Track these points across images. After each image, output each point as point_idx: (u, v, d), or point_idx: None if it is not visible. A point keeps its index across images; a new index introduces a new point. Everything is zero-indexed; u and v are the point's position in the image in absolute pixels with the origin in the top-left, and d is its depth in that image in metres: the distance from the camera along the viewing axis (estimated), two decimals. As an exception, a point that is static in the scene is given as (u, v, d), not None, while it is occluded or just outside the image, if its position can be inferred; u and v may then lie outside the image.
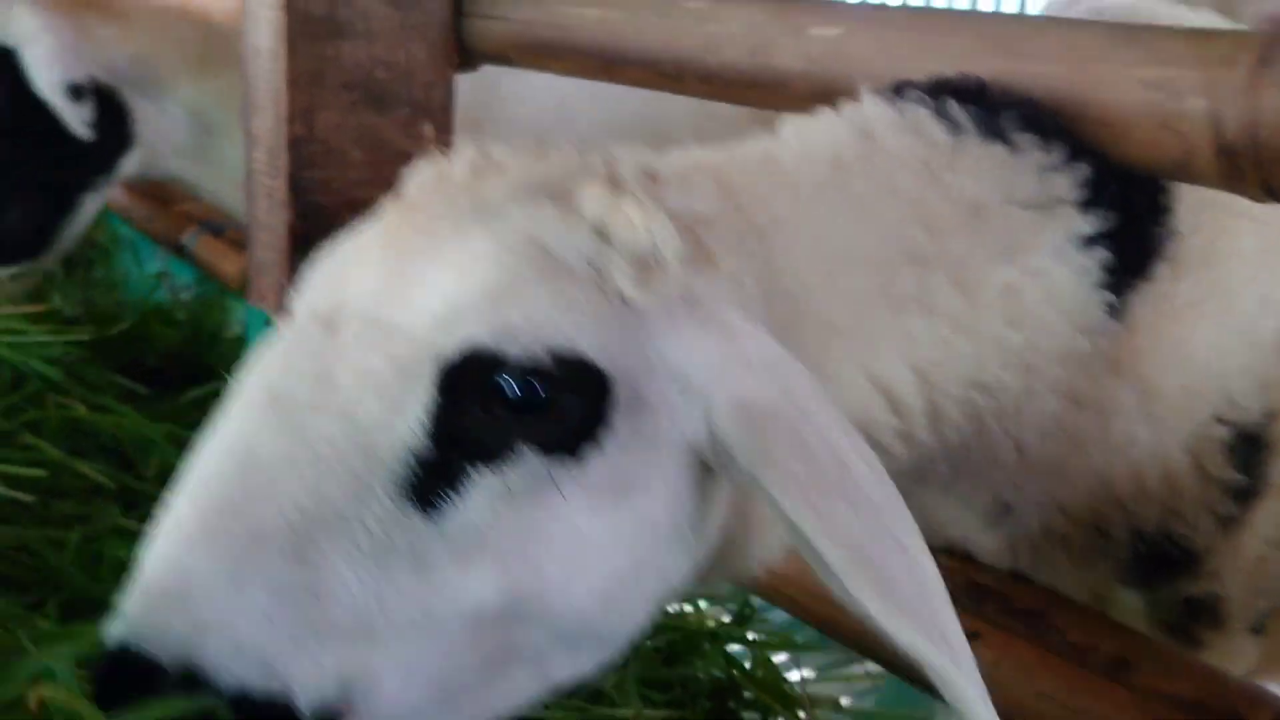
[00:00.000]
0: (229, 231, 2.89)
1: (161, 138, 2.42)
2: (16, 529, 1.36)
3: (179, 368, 2.38)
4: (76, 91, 2.20)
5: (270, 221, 1.86)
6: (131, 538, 1.49)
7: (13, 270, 2.41)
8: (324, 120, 1.80)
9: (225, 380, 2.19)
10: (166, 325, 2.35)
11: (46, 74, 2.16)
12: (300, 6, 1.74)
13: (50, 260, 2.44)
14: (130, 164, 2.41)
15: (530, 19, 1.74)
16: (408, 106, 1.87)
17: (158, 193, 3.11)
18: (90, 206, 2.37)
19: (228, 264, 2.71)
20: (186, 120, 2.42)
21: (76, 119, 2.20)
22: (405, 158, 1.91)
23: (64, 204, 2.31)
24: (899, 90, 1.09)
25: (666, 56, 1.52)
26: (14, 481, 1.45)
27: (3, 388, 1.77)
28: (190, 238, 2.87)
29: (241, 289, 2.52)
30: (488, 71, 1.97)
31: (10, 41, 2.16)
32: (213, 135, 2.45)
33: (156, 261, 3.20)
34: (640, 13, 1.56)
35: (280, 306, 1.92)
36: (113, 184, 2.43)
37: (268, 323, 1.93)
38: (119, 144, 2.35)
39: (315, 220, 1.83)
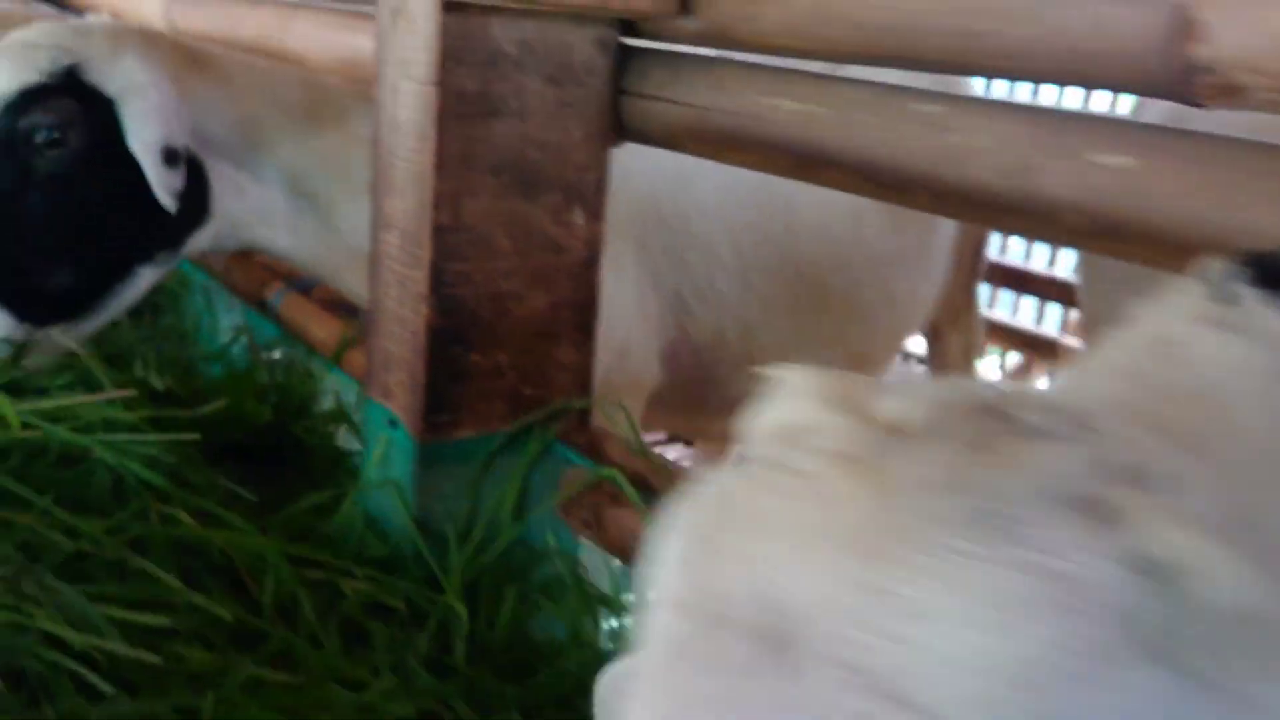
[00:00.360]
0: (317, 289, 2.72)
1: (253, 206, 2.20)
2: (141, 702, 1.17)
3: (265, 440, 2.20)
4: (172, 156, 2.00)
5: (403, 314, 1.68)
6: (265, 693, 1.31)
7: (60, 334, 2.14)
8: (471, 207, 1.62)
9: (333, 482, 2.01)
10: (258, 401, 2.16)
11: (147, 132, 1.96)
12: (454, 82, 1.56)
13: (89, 328, 2.17)
14: (202, 240, 2.18)
15: (709, 105, 1.56)
16: (559, 191, 1.69)
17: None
18: (146, 279, 2.13)
19: (317, 327, 2.52)
20: (285, 186, 2.22)
21: (166, 186, 1.98)
22: (554, 247, 1.74)
23: (120, 272, 2.06)
24: (1269, 275, 0.89)
25: (888, 165, 1.33)
26: (135, 632, 1.26)
27: (103, 496, 1.59)
28: (275, 295, 2.69)
29: (335, 358, 2.34)
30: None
31: (112, 90, 1.97)
32: (313, 201, 2.25)
33: (230, 309, 3.03)
34: (854, 111, 1.37)
35: (412, 408, 1.74)
36: (176, 261, 2.21)
37: (392, 423, 1.74)
38: (194, 219, 2.13)
39: (455, 315, 1.65)
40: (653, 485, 1.68)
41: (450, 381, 1.67)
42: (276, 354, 2.69)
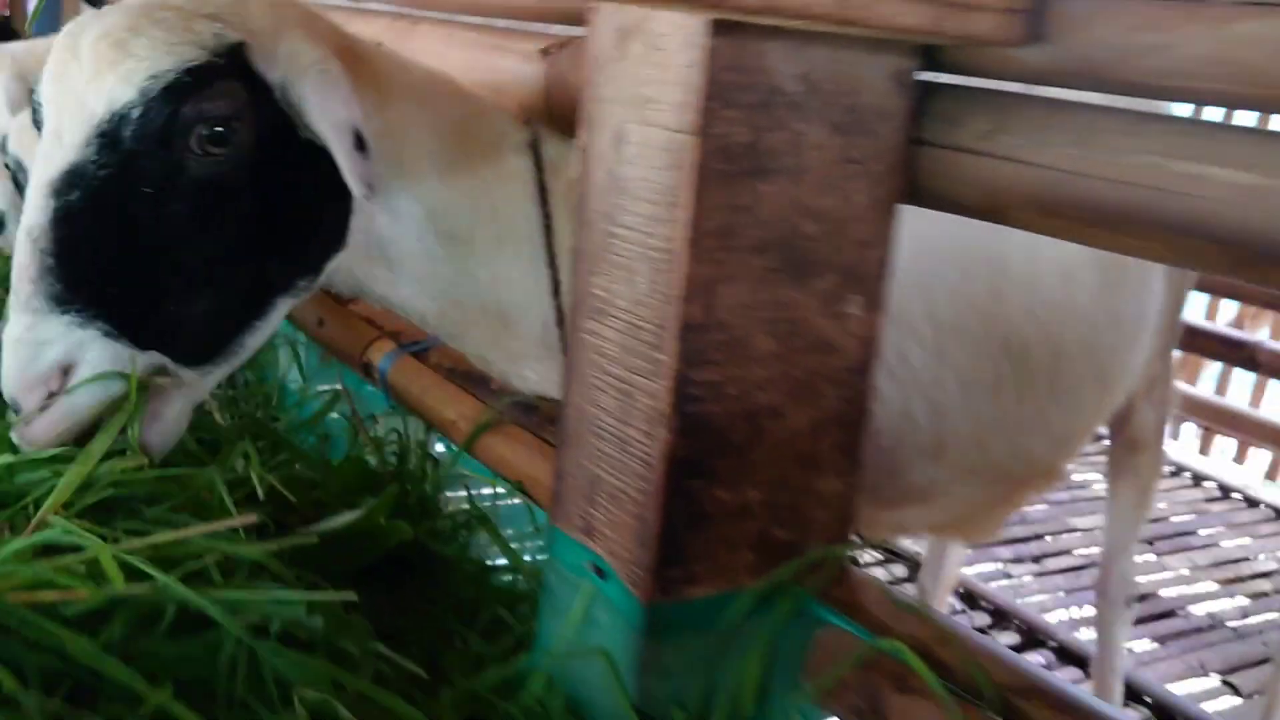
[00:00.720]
0: (434, 351, 2.31)
1: (379, 240, 1.80)
2: None
3: (394, 552, 1.79)
4: (361, 141, 1.59)
5: (627, 433, 1.26)
6: None
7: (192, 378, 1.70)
8: (727, 297, 1.21)
9: (485, 611, 1.59)
10: (393, 510, 1.75)
11: (337, 110, 1.54)
12: (720, 131, 1.15)
13: (221, 374, 1.73)
14: (331, 270, 1.79)
15: (1070, 168, 1.14)
16: (836, 273, 1.27)
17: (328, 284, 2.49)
18: (279, 314, 1.72)
19: (442, 402, 2.10)
20: (420, 220, 1.81)
21: (359, 173, 1.56)
22: (823, 347, 1.32)
23: (260, 303, 1.65)
24: None
25: None
26: None
27: (235, 676, 1.18)
28: (385, 358, 2.28)
29: (467, 445, 1.94)
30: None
31: (274, 76, 1.55)
32: (450, 243, 1.84)
33: (321, 367, 2.63)
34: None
35: (636, 558, 1.33)
36: (311, 291, 1.79)
37: (599, 571, 1.33)
38: (334, 240, 1.73)
39: (699, 439, 1.24)
40: (942, 659, 1.26)
41: (687, 524, 1.26)
42: (377, 421, 2.28)
